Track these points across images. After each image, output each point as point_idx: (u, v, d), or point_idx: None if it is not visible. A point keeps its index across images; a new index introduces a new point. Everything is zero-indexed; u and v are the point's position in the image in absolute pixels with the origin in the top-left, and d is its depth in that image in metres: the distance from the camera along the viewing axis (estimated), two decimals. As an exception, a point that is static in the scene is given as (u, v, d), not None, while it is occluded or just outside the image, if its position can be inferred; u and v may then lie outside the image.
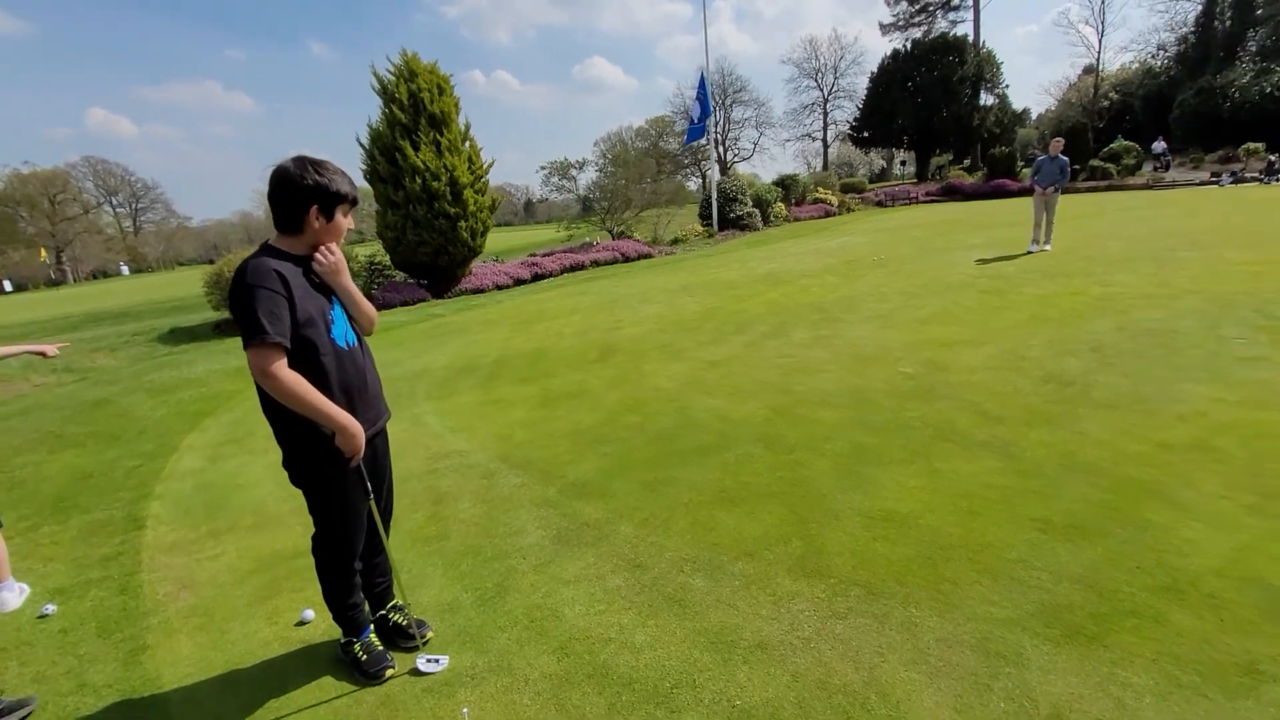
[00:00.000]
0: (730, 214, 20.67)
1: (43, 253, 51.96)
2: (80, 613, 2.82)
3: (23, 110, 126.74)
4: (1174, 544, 2.53)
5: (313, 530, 2.17)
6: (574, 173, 22.78)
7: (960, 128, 36.62)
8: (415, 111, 12.80)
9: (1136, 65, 38.93)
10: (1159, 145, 26.86)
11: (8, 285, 47.22)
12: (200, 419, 5.86)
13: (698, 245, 18.68)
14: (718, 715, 1.92)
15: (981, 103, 37.56)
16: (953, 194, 27.14)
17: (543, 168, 21.39)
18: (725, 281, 10.79)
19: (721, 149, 50.25)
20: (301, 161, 1.90)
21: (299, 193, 1.87)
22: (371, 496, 2.10)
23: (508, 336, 8.34)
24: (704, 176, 44.15)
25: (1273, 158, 20.70)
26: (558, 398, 5.35)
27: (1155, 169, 25.61)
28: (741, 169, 48.81)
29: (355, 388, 2.02)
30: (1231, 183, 20.51)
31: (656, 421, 4.50)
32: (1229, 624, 2.08)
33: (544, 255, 16.71)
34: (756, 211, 21.32)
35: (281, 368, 1.81)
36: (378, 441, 2.18)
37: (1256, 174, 20.48)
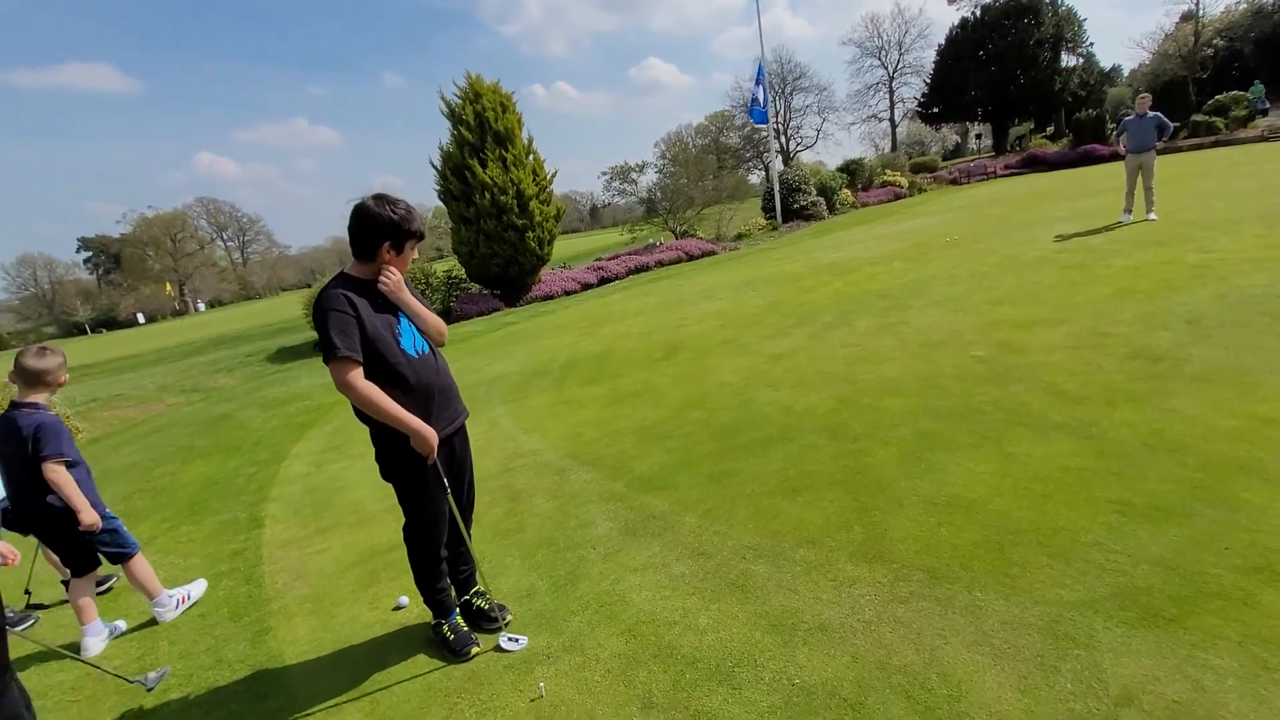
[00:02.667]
0: (794, 204, 20.32)
1: (168, 287, 57.88)
2: (215, 599, 3.24)
3: (141, 159, 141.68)
4: (1271, 523, 2.38)
5: (403, 522, 2.42)
6: (634, 175, 23.03)
7: (1040, 94, 34.30)
8: (481, 130, 13.42)
9: (1245, 5, 35.08)
10: (1257, 90, 24.15)
11: (141, 318, 52.91)
12: (305, 429, 6.46)
13: (761, 239, 18.49)
14: (778, 693, 2.01)
15: (1063, 65, 35.00)
16: (1035, 165, 25.48)
17: (604, 173, 21.77)
18: (789, 274, 10.67)
19: (783, 138, 49.29)
20: (380, 199, 2.15)
21: (376, 228, 2.13)
22: (449, 491, 2.32)
23: (576, 340, 8.63)
24: (766, 168, 43.43)
25: None
26: (624, 396, 5.53)
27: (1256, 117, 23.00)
28: (805, 157, 47.73)
29: (429, 391, 2.25)
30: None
31: (720, 415, 4.59)
32: (1329, 606, 1.96)
33: (609, 259, 17.04)
34: (821, 200, 20.85)
35: (357, 378, 2.07)
36: (455, 440, 2.41)
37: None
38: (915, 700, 1.88)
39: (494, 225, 13.34)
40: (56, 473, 2.74)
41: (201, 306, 61.01)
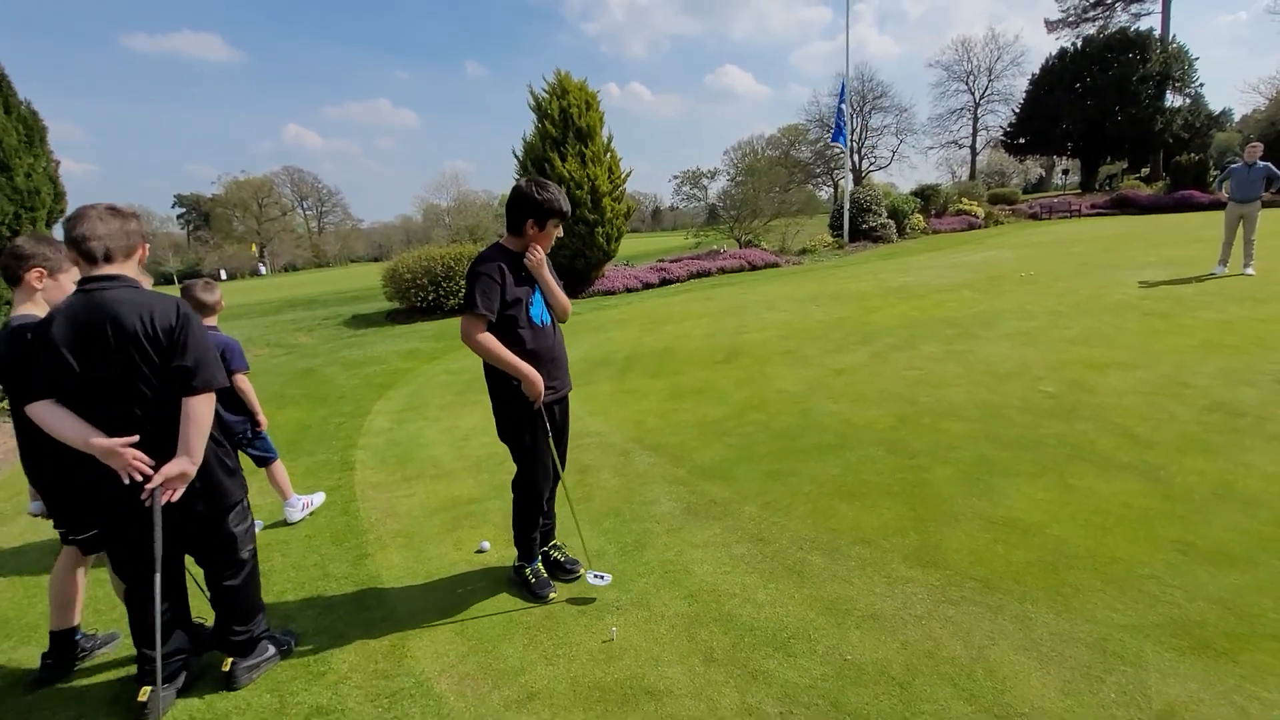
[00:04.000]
0: (862, 225, 20.09)
1: (253, 247, 61.43)
2: (318, 526, 3.63)
3: (237, 127, 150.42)
4: (1338, 580, 2.40)
5: (513, 475, 2.72)
6: (705, 181, 23.24)
7: (1138, 132, 32.70)
8: (565, 125, 13.87)
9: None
10: None
11: (224, 274, 56.38)
12: (385, 390, 6.94)
13: (826, 256, 18.37)
14: (830, 664, 2.18)
15: (1167, 104, 33.28)
16: (1125, 206, 24.39)
17: (675, 177, 22.13)
18: (854, 292, 10.65)
19: (857, 157, 48.51)
20: (531, 182, 2.48)
21: (523, 206, 2.44)
22: (551, 437, 2.60)
23: (638, 335, 8.89)
24: (836, 185, 42.89)
25: None
26: (685, 392, 5.74)
27: None
28: (877, 178, 46.88)
29: (545, 356, 2.56)
30: None
31: (780, 420, 4.75)
32: (1388, 660, 2.00)
33: (672, 261, 17.25)
34: (891, 223, 20.54)
35: (482, 331, 2.41)
36: (557, 409, 2.69)
37: None
38: (960, 688, 2.03)
39: (567, 218, 13.77)
40: (245, 382, 3.37)
41: (263, 269, 64.28)
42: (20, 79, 7.29)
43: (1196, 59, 34.14)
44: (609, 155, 14.53)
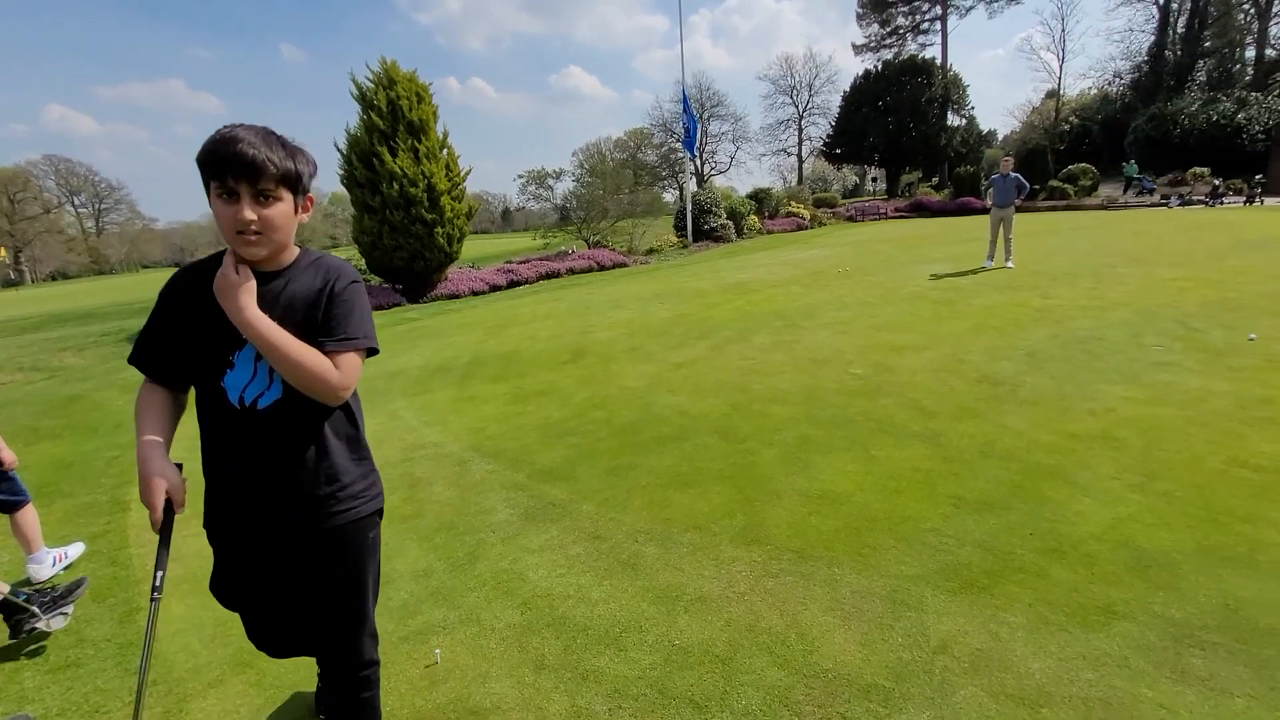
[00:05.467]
0: (705, 225, 21.16)
1: (2, 251, 50.48)
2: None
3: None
4: (1065, 515, 2.90)
5: None
6: (551, 182, 23.10)
7: (928, 147, 37.95)
8: (394, 119, 13.00)
9: (1095, 91, 40.78)
10: (1131, 169, 26.04)
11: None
12: (178, 413, 5.99)
13: (672, 255, 19.09)
14: (659, 652, 2.21)
15: (949, 123, 39.01)
16: (920, 210, 28.09)
17: (520, 176, 21.71)
18: (695, 290, 11.16)
19: (698, 162, 51.07)
20: None
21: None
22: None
23: (482, 339, 8.57)
24: (680, 188, 44.85)
25: (1217, 182, 21.95)
26: (529, 395, 5.61)
27: (1136, 193, 24.54)
28: (717, 182, 49.76)
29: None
30: (1180, 205, 21.66)
31: (621, 416, 4.80)
32: (1097, 577, 2.44)
33: (520, 262, 16.93)
34: (730, 224, 21.85)
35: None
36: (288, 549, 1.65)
37: (1203, 197, 21.66)
38: (776, 655, 2.15)
39: (401, 217, 12.92)
40: None
41: (19, 277, 53.50)
42: None
43: (969, 85, 40.39)
44: (445, 152, 13.87)
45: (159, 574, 1.43)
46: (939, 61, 39.99)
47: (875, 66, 40.05)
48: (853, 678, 2.03)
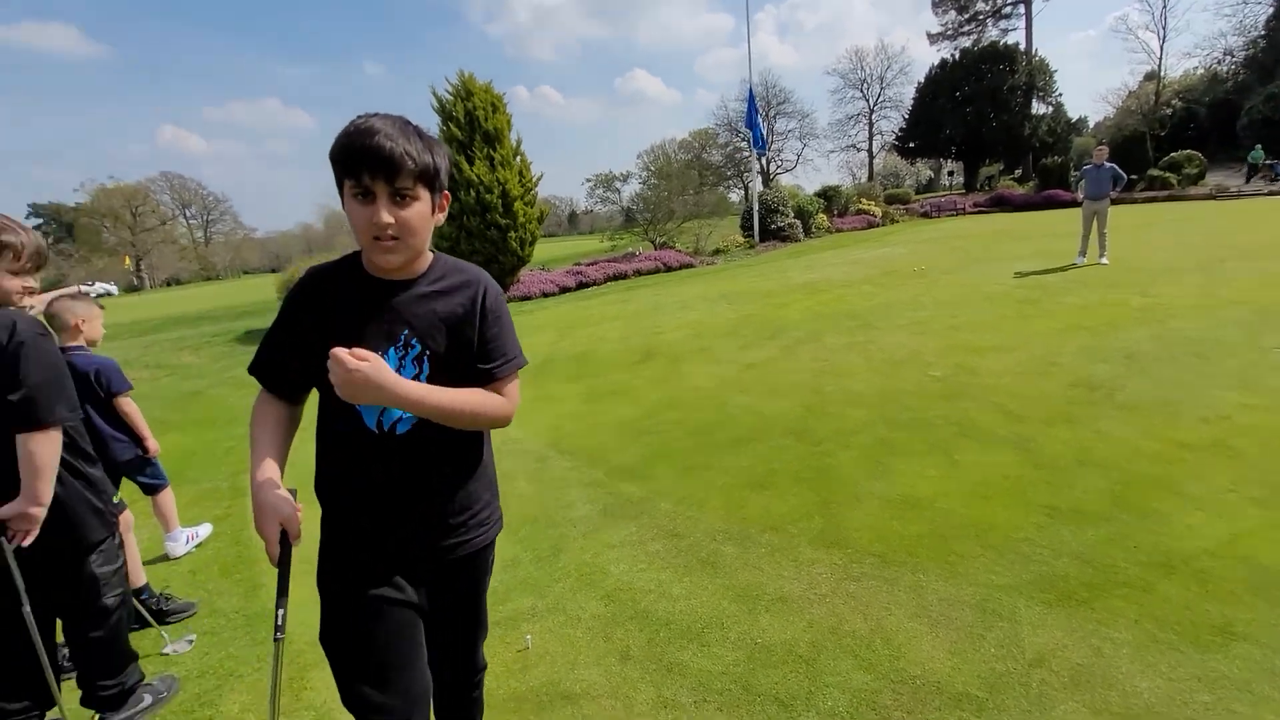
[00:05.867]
0: (771, 225, 20.87)
1: (126, 260, 55.82)
2: (204, 559, 3.34)
3: (103, 128, 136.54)
4: (1174, 529, 2.73)
5: None
6: (618, 185, 23.42)
7: (1010, 137, 35.87)
8: (471, 128, 13.54)
9: (1201, 71, 37.44)
10: (1257, 155, 23.88)
11: (112, 288, 51.10)
12: (281, 409, 6.49)
13: (739, 255, 18.94)
14: (742, 650, 2.25)
15: (1033, 112, 36.73)
16: (1002, 205, 26.64)
17: (587, 180, 22.18)
18: (763, 290, 11.05)
19: (764, 160, 50.37)
20: None
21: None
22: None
23: (555, 340, 8.81)
24: (746, 188, 44.35)
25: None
26: (602, 395, 5.74)
27: (1269, 181, 22.28)
28: (784, 180, 48.81)
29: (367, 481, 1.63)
30: (1303, 192, 19.62)
31: (695, 416, 4.84)
32: (1212, 595, 2.29)
33: (588, 264, 17.24)
34: (798, 222, 21.46)
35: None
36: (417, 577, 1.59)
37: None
38: (861, 658, 2.15)
39: (477, 223, 13.44)
40: (131, 404, 3.12)
41: (140, 283, 58.86)
42: None
43: (1056, 71, 37.89)
44: (519, 159, 14.32)
45: (280, 612, 1.33)
46: (1022, 47, 37.74)
47: (953, 55, 38.23)
48: (943, 685, 2.00)
